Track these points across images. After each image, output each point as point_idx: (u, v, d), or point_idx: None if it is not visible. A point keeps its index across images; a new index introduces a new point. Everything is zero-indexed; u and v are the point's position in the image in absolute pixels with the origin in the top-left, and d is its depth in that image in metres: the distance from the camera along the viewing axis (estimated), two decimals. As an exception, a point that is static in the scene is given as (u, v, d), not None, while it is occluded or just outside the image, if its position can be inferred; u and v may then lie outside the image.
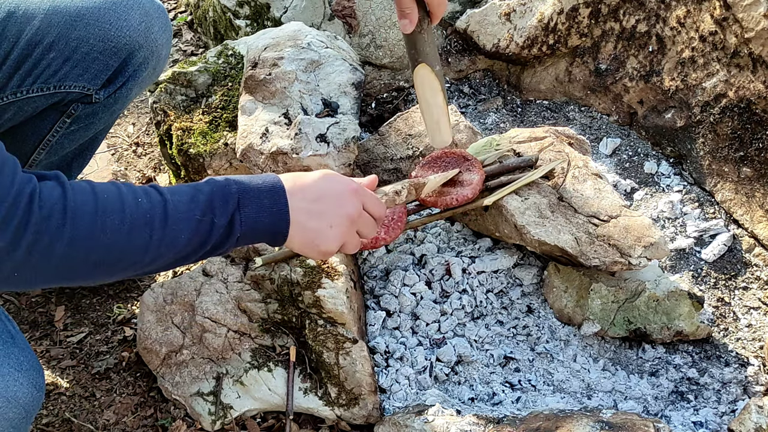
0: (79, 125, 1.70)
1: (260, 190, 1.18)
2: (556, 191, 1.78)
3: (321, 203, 1.22)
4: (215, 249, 1.17)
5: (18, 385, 1.26)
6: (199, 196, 1.14)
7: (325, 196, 1.22)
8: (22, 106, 1.56)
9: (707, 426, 1.67)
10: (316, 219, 1.21)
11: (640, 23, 2.18)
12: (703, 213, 2.10)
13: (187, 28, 2.81)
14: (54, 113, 1.65)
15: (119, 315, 1.97)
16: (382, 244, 1.62)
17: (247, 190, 1.17)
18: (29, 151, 1.71)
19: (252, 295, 1.71)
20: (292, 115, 1.82)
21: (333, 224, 1.23)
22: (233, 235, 1.16)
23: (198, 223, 1.12)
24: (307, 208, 1.20)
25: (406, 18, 1.49)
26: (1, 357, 1.27)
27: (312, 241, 1.23)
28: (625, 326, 1.77)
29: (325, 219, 1.22)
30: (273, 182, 1.20)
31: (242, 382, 1.70)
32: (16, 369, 1.28)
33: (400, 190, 1.48)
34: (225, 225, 1.14)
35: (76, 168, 1.88)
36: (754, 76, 1.96)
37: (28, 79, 1.53)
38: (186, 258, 1.15)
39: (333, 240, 1.24)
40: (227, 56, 2.04)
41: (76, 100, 1.62)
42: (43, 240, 1.03)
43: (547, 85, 2.38)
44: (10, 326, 1.36)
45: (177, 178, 2.07)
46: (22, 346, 1.33)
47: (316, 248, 1.24)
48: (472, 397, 1.72)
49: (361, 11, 2.35)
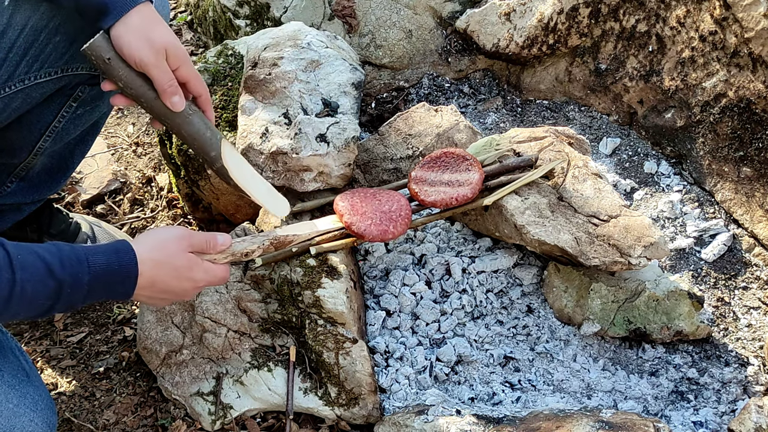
0: (85, 108, 1.71)
1: (113, 279, 1.26)
2: (556, 191, 1.78)
3: (165, 293, 1.36)
4: (53, 312, 1.25)
5: (33, 425, 1.30)
6: (49, 282, 1.18)
7: (170, 291, 1.36)
8: (30, 93, 1.57)
9: (707, 426, 1.67)
10: (155, 300, 1.38)
11: (640, 23, 2.18)
12: (703, 213, 2.10)
13: (187, 28, 2.81)
14: (60, 98, 1.66)
15: (119, 315, 1.97)
16: (390, 237, 1.66)
17: (99, 277, 1.24)
18: (35, 139, 1.72)
19: (252, 294, 1.71)
20: (291, 115, 1.82)
21: (168, 302, 1.42)
22: (73, 309, 1.28)
23: (40, 305, 1.20)
24: (150, 295, 1.35)
25: (176, 94, 1.47)
26: (17, 397, 1.30)
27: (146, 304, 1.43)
28: (625, 326, 1.77)
29: (163, 301, 1.39)
30: (128, 270, 1.27)
31: (242, 382, 1.70)
32: (32, 409, 1.31)
33: (253, 249, 1.51)
34: (65, 308, 1.24)
35: (78, 154, 1.89)
36: (754, 75, 1.96)
37: (35, 64, 1.53)
38: (22, 319, 1.23)
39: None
40: (227, 56, 2.04)
41: (83, 83, 1.63)
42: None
43: (547, 84, 2.38)
44: (25, 363, 1.39)
45: (177, 178, 2.07)
46: (37, 384, 1.37)
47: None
48: (472, 396, 1.72)
49: (361, 11, 2.35)
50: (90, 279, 1.22)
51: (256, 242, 1.52)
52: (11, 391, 1.29)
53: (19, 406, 1.28)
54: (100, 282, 1.23)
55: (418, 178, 1.75)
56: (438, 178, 1.75)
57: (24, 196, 1.87)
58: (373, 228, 1.65)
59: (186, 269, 1.36)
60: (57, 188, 1.94)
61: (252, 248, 1.50)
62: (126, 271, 1.26)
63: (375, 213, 1.68)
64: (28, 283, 1.16)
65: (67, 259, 1.21)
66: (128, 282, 1.27)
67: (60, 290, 1.19)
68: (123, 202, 2.30)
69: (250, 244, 1.51)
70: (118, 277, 1.26)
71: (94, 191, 2.32)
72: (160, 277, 1.32)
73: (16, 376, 1.32)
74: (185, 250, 1.36)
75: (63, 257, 1.20)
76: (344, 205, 1.68)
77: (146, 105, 1.49)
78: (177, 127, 1.53)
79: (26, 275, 1.16)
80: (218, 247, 1.43)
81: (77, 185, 2.34)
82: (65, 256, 1.21)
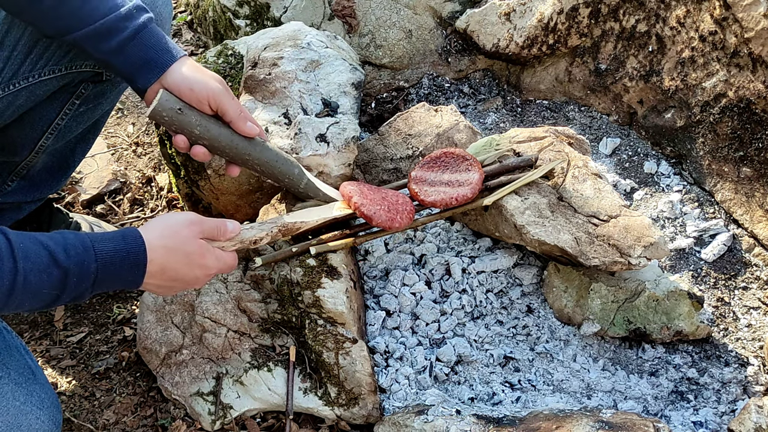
0: (87, 106, 1.71)
1: (121, 266, 1.21)
2: (556, 191, 1.78)
3: (174, 281, 1.31)
4: (59, 303, 1.20)
5: (40, 423, 1.29)
6: (53, 271, 1.14)
7: (179, 278, 1.31)
8: (34, 90, 1.57)
9: (707, 426, 1.67)
10: (164, 289, 1.32)
11: (640, 23, 2.18)
12: (702, 213, 2.10)
13: (187, 28, 2.81)
14: (63, 95, 1.66)
15: (119, 315, 1.96)
16: (396, 227, 1.66)
17: (107, 265, 1.19)
18: (37, 136, 1.72)
19: (252, 295, 1.71)
20: (291, 115, 1.82)
21: (179, 289, 1.37)
22: (79, 301, 1.22)
23: (45, 294, 1.15)
24: (159, 283, 1.29)
25: (249, 119, 1.51)
26: (24, 395, 1.29)
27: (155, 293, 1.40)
28: (624, 326, 1.77)
29: (173, 289, 1.34)
30: (136, 257, 1.23)
31: (242, 381, 1.70)
32: (38, 407, 1.30)
33: (262, 237, 1.48)
34: (72, 299, 1.19)
35: (79, 153, 1.89)
36: (754, 75, 1.96)
37: (39, 62, 1.54)
38: (28, 311, 1.18)
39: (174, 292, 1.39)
40: (227, 56, 2.04)
41: (87, 80, 1.64)
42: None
43: (547, 84, 2.38)
44: (30, 361, 1.38)
45: (177, 177, 2.07)
46: (43, 382, 1.36)
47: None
48: (472, 397, 1.72)
49: (361, 11, 2.35)
50: (97, 267, 1.17)
51: (265, 229, 1.50)
52: (18, 389, 1.29)
53: (26, 404, 1.28)
54: (108, 270, 1.19)
55: (418, 178, 1.75)
56: (438, 178, 1.75)
57: (25, 195, 1.87)
58: (382, 213, 1.64)
59: (198, 256, 1.31)
60: (58, 187, 1.94)
61: (261, 235, 1.48)
62: (135, 258, 1.22)
63: (382, 201, 1.67)
64: (31, 272, 1.11)
65: (72, 247, 1.16)
66: (137, 270, 1.23)
67: (65, 279, 1.15)
68: (123, 202, 2.30)
69: (259, 231, 1.48)
70: (127, 264, 1.21)
71: (94, 191, 2.32)
72: (171, 264, 1.27)
73: (23, 374, 1.32)
74: (197, 236, 1.32)
75: (68, 245, 1.16)
76: (353, 188, 1.66)
77: (223, 145, 1.51)
78: (257, 156, 1.55)
79: (29, 264, 1.11)
80: (228, 234, 1.39)
81: (77, 185, 2.34)
82: (70, 244, 1.16)
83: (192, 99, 1.45)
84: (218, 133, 1.49)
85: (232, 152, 1.53)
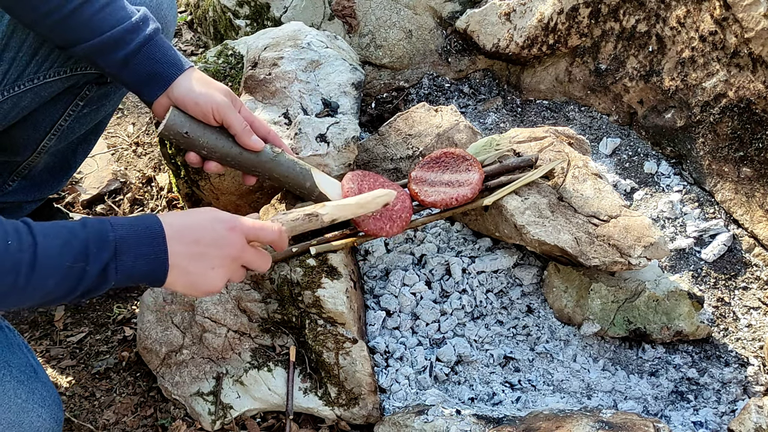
0: (91, 108, 1.71)
1: (139, 237, 1.15)
2: (556, 191, 1.78)
3: (201, 245, 1.20)
4: (88, 293, 1.14)
5: (41, 420, 1.30)
6: (73, 242, 1.10)
7: (205, 238, 1.20)
8: (39, 92, 1.57)
9: (707, 426, 1.67)
10: (197, 262, 1.20)
11: (640, 23, 2.18)
12: (703, 213, 2.10)
13: (187, 28, 2.81)
14: (68, 96, 1.66)
15: (119, 315, 1.97)
16: (384, 235, 1.65)
17: (125, 237, 1.14)
18: (40, 137, 1.72)
19: (252, 295, 1.71)
20: (291, 115, 1.82)
21: (215, 266, 1.22)
22: (107, 282, 1.14)
23: (68, 270, 1.09)
24: (187, 252, 1.18)
25: (252, 134, 1.50)
26: (25, 393, 1.29)
27: (194, 284, 1.21)
28: (625, 326, 1.77)
29: (206, 261, 1.21)
30: (152, 227, 1.17)
31: (242, 381, 1.70)
32: (40, 405, 1.31)
33: (297, 217, 1.43)
34: (98, 273, 1.12)
35: (80, 154, 1.90)
36: (754, 76, 1.96)
37: (45, 64, 1.54)
38: (54, 301, 1.12)
39: (215, 280, 1.23)
40: (227, 56, 2.04)
41: (91, 82, 1.64)
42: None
43: (547, 84, 2.38)
44: (32, 359, 1.38)
45: (177, 177, 2.07)
46: (44, 380, 1.36)
47: (198, 290, 1.23)
48: (472, 397, 1.72)
49: (361, 11, 2.35)
50: (115, 237, 1.13)
51: (302, 212, 1.46)
52: (20, 387, 1.29)
53: (28, 402, 1.29)
54: (126, 242, 1.13)
55: (418, 179, 1.75)
56: (438, 178, 1.75)
57: (25, 195, 1.88)
58: (370, 220, 1.65)
59: (229, 222, 1.23)
60: (58, 187, 1.94)
61: (297, 215, 1.43)
62: (151, 230, 1.16)
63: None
64: (51, 247, 1.08)
65: (89, 222, 1.14)
66: (156, 241, 1.16)
67: (86, 250, 1.10)
68: (123, 202, 2.30)
69: (298, 212, 1.45)
70: (144, 236, 1.15)
71: (94, 191, 2.32)
72: (190, 222, 1.20)
73: (25, 372, 1.32)
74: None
75: (84, 221, 1.14)
76: (353, 187, 1.66)
77: (235, 160, 1.53)
78: (269, 172, 1.57)
79: (48, 240, 1.08)
80: (269, 227, 1.31)
81: (77, 185, 2.34)
82: (86, 221, 1.14)
83: (197, 113, 1.46)
84: (226, 151, 1.52)
85: (242, 167, 1.57)
